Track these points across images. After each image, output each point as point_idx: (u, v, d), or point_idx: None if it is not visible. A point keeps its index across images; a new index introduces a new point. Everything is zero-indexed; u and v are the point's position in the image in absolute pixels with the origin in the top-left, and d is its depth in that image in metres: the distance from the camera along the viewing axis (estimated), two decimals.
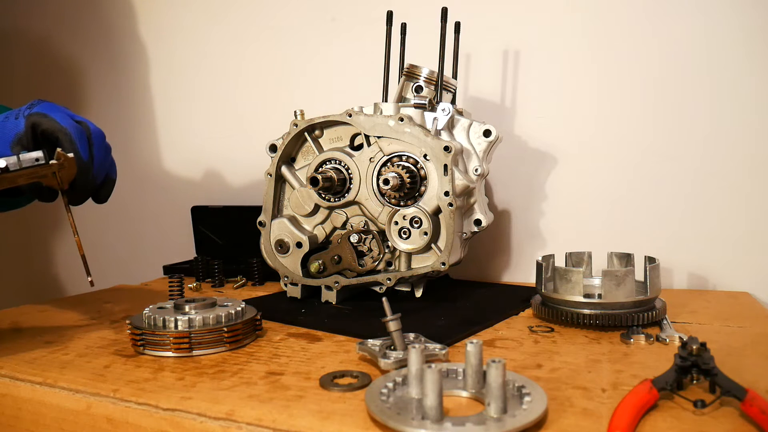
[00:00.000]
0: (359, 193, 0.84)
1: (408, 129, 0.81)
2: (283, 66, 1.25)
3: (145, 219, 1.43)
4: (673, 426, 0.44)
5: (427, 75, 0.89)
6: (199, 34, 1.33)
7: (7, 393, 0.60)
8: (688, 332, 0.67)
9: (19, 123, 0.69)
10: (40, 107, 0.70)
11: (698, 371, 0.49)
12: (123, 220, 1.45)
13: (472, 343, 0.50)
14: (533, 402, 0.46)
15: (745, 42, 0.92)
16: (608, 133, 1.00)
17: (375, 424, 0.46)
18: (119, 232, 1.46)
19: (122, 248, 1.47)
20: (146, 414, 0.52)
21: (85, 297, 1.01)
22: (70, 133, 0.69)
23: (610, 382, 0.54)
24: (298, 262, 0.88)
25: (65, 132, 0.68)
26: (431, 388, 0.43)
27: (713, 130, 0.94)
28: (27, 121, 0.69)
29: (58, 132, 0.68)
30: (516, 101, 1.06)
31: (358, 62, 1.15)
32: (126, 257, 1.46)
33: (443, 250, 0.81)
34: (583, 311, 0.71)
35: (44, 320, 0.84)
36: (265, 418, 0.48)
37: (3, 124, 0.70)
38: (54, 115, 0.69)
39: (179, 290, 0.86)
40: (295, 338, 0.71)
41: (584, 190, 1.02)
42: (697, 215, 0.96)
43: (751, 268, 0.93)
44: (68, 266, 1.57)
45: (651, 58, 0.97)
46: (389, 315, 0.59)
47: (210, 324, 0.66)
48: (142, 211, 1.43)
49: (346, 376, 0.56)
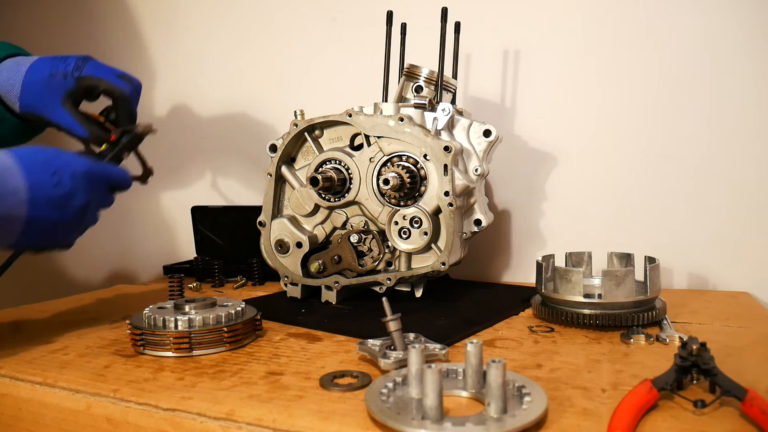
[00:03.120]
0: (359, 193, 0.84)
1: (408, 129, 0.81)
2: (283, 66, 1.25)
3: (145, 219, 1.43)
4: (673, 426, 0.44)
5: (427, 75, 0.89)
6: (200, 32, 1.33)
7: (7, 393, 0.60)
8: (688, 332, 0.67)
9: (68, 82, 0.77)
10: (88, 68, 0.78)
11: (698, 371, 0.49)
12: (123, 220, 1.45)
13: (472, 343, 0.50)
14: (533, 402, 0.46)
15: (745, 42, 0.92)
16: (608, 132, 1.00)
17: (375, 424, 0.46)
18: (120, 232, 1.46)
19: (122, 248, 1.47)
20: (146, 414, 0.52)
21: (85, 297, 1.01)
22: (128, 96, 0.79)
23: (610, 382, 0.54)
24: (298, 262, 0.88)
25: (125, 96, 0.78)
26: (431, 388, 0.43)
27: (713, 130, 0.94)
28: (80, 83, 0.77)
29: (116, 93, 0.78)
30: (516, 101, 1.06)
31: (358, 62, 1.15)
32: (126, 257, 1.46)
33: (443, 250, 0.81)
34: (583, 311, 0.71)
35: (44, 320, 0.83)
36: (265, 418, 0.48)
37: (50, 81, 0.76)
38: (107, 77, 0.78)
39: (179, 290, 0.86)
40: (295, 338, 0.71)
41: (584, 190, 1.02)
42: (697, 215, 0.96)
43: (751, 268, 0.93)
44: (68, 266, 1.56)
45: (651, 59, 0.97)
46: (389, 315, 0.59)
47: (210, 324, 0.66)
48: (142, 211, 1.42)
49: (346, 376, 0.56)
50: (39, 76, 0.78)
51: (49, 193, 0.63)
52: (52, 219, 0.64)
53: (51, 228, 0.65)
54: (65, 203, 0.64)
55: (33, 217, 0.62)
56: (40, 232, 0.64)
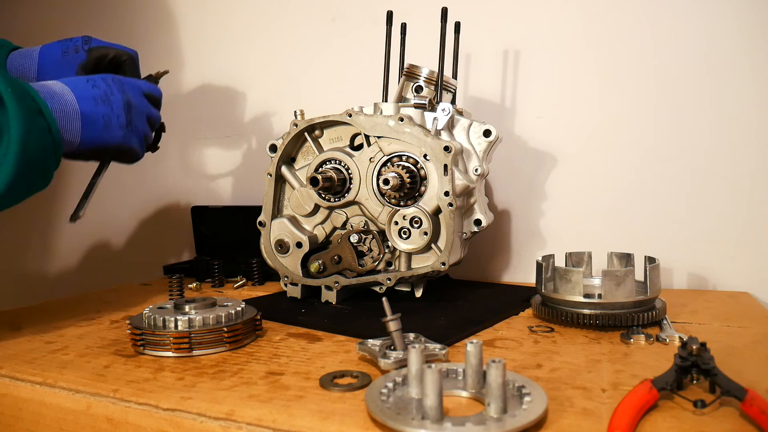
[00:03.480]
0: (359, 193, 0.84)
1: (408, 129, 0.81)
2: (283, 66, 1.25)
3: (145, 219, 1.43)
4: (673, 426, 0.44)
5: (427, 75, 0.89)
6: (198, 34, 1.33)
7: (7, 393, 0.60)
8: (688, 332, 0.67)
9: (80, 56, 0.86)
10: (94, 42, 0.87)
11: (698, 371, 0.49)
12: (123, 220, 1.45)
13: (472, 343, 0.50)
14: (533, 402, 0.46)
15: (745, 42, 0.92)
16: (608, 132, 1.00)
17: (375, 424, 0.46)
18: (119, 232, 1.46)
19: (122, 248, 1.47)
20: (146, 414, 0.52)
21: (85, 297, 1.01)
22: (135, 57, 0.91)
23: (610, 382, 0.54)
24: (298, 262, 0.88)
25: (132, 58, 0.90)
26: (431, 388, 0.43)
27: (713, 131, 0.94)
28: (91, 53, 0.86)
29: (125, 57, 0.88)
30: (516, 101, 1.06)
31: (358, 62, 1.15)
32: (126, 257, 1.46)
33: (443, 250, 0.81)
34: (583, 311, 0.71)
35: (44, 320, 0.83)
36: (265, 418, 0.48)
37: (63, 58, 0.86)
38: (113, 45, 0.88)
39: (179, 290, 0.86)
40: (295, 338, 0.71)
41: (584, 190, 1.02)
42: (697, 215, 0.96)
43: (751, 268, 0.93)
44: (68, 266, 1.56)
45: (651, 59, 0.97)
46: (389, 315, 0.59)
47: (210, 324, 0.66)
48: (142, 211, 1.43)
49: (346, 376, 0.56)
50: (52, 56, 0.86)
51: (89, 92, 0.74)
52: (101, 111, 0.75)
53: (105, 123, 0.75)
54: (107, 99, 0.76)
55: (85, 110, 0.73)
56: (97, 126, 0.74)
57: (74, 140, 0.72)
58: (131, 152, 0.81)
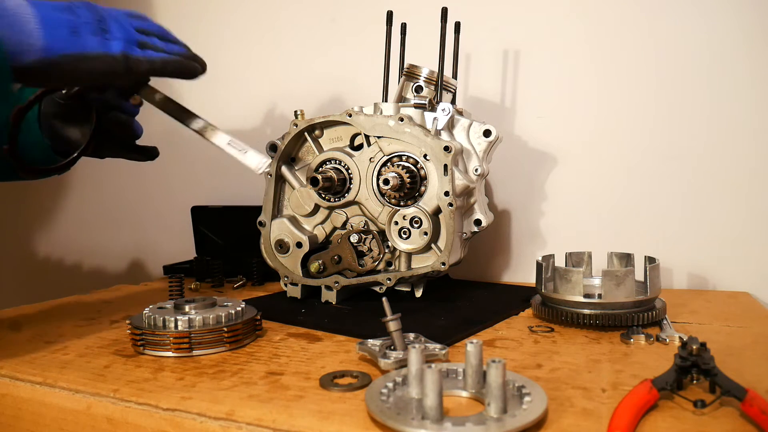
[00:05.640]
0: (359, 193, 0.84)
1: (408, 129, 0.81)
2: (283, 66, 1.25)
3: (145, 219, 1.43)
4: (673, 426, 0.44)
5: (427, 75, 0.89)
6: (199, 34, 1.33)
7: (7, 393, 0.60)
8: (688, 332, 0.67)
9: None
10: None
11: (698, 371, 0.49)
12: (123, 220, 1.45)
13: (472, 343, 0.50)
14: (533, 402, 0.46)
15: (745, 42, 0.92)
16: (608, 132, 1.00)
17: (375, 424, 0.46)
18: (119, 232, 1.46)
19: (122, 248, 1.47)
20: (146, 414, 0.52)
21: (85, 297, 1.01)
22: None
23: (610, 382, 0.54)
24: (298, 262, 0.88)
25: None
26: (431, 388, 0.43)
27: (713, 130, 0.94)
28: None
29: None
30: (516, 101, 1.06)
31: (358, 62, 1.15)
32: (126, 257, 1.46)
33: (443, 250, 0.81)
34: (583, 311, 0.71)
35: (44, 320, 0.83)
36: (265, 418, 0.48)
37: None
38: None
39: (179, 290, 0.86)
40: (295, 338, 0.71)
41: (584, 190, 1.02)
42: (697, 215, 0.96)
43: (751, 268, 0.93)
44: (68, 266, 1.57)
45: (651, 59, 0.97)
46: (389, 315, 0.59)
47: (210, 324, 0.66)
48: (142, 211, 1.42)
49: (346, 376, 0.56)
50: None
51: (48, 4, 0.65)
52: (65, 18, 0.65)
53: (72, 29, 0.66)
54: (70, 9, 0.66)
55: (43, 14, 0.63)
56: (61, 31, 0.65)
57: (34, 43, 0.62)
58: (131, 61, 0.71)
